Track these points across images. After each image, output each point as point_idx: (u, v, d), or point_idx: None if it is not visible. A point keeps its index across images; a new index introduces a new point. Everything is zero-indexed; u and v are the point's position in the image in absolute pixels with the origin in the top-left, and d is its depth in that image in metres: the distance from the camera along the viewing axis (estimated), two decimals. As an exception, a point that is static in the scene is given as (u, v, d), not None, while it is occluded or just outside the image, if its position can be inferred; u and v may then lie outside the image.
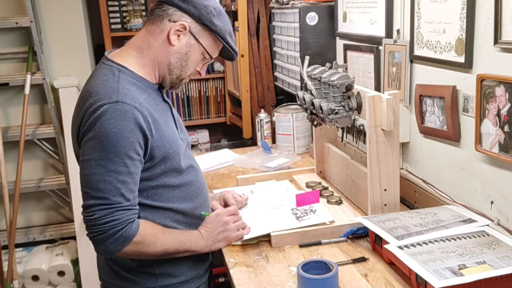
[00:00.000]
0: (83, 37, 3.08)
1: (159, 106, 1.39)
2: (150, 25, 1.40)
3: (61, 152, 3.03)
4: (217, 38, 1.41)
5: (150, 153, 1.32)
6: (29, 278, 2.96)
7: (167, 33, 1.37)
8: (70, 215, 3.12)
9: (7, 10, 2.96)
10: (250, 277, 1.37)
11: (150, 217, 1.36)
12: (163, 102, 1.44)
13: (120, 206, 1.27)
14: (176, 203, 1.40)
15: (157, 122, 1.33)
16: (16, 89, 3.01)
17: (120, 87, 1.29)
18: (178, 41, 1.38)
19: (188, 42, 1.39)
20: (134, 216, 1.30)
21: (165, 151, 1.35)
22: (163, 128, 1.35)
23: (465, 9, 1.41)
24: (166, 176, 1.38)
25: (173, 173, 1.39)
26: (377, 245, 1.43)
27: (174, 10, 1.37)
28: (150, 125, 1.30)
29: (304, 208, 1.66)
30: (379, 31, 1.85)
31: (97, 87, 1.30)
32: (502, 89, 1.30)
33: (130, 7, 3.28)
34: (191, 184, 1.44)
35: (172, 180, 1.39)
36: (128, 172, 1.27)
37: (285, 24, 2.50)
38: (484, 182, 1.43)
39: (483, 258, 1.20)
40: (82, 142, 1.28)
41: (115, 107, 1.25)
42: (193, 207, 1.45)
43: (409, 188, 1.74)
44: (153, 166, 1.34)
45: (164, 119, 1.38)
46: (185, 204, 1.42)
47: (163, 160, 1.35)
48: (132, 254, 1.33)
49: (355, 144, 1.96)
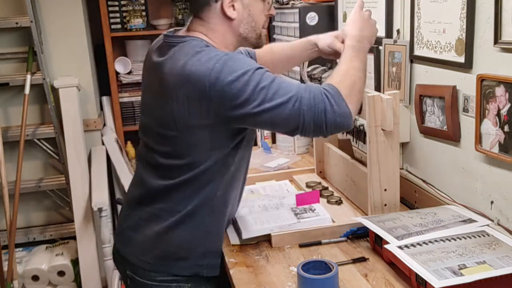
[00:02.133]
0: (83, 37, 3.08)
1: None
2: (200, 14, 1.38)
3: (61, 152, 3.03)
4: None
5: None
6: (29, 278, 2.96)
7: (221, 12, 1.36)
8: (70, 215, 3.12)
9: (7, 10, 2.96)
10: (250, 277, 1.37)
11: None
12: None
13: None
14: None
15: None
16: (16, 89, 3.01)
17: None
18: (236, 11, 1.37)
19: (243, 4, 1.38)
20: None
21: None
22: None
23: (465, 9, 1.40)
24: (240, 148, 1.40)
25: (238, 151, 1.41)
26: (377, 245, 1.43)
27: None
28: None
29: (304, 208, 1.66)
30: (379, 31, 1.84)
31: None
32: (502, 89, 1.30)
33: (130, 7, 3.28)
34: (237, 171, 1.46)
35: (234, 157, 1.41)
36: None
37: (285, 24, 2.50)
38: (484, 182, 1.43)
39: (483, 258, 1.20)
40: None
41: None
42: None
43: (409, 188, 1.74)
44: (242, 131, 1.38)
45: None
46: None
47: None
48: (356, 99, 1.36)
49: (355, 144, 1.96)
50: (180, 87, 1.29)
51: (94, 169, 3.01)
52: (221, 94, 1.25)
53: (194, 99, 1.28)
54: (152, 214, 1.43)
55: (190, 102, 1.29)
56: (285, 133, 1.36)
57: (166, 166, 1.40)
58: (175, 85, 1.30)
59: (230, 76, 1.25)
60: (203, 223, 1.41)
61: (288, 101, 1.26)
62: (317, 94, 1.28)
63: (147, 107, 1.46)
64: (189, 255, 1.42)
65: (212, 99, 1.26)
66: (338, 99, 1.29)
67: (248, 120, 1.29)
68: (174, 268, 1.42)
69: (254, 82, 1.25)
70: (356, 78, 1.37)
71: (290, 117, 1.27)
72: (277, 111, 1.26)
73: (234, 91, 1.25)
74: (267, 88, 1.26)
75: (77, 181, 2.92)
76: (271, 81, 1.27)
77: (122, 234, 1.51)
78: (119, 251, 1.52)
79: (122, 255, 1.50)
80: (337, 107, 1.28)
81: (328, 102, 1.28)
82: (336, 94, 1.30)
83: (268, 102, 1.25)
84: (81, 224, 2.90)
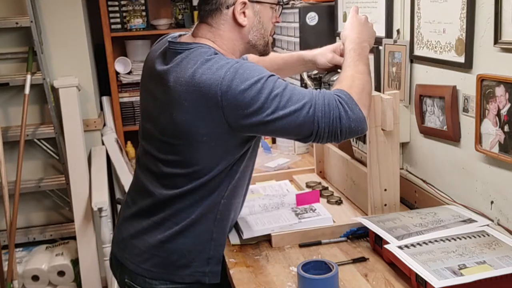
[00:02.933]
0: (83, 37, 3.08)
1: None
2: (209, 20, 1.37)
3: (61, 152, 3.03)
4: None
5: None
6: (29, 278, 2.96)
7: (232, 19, 1.36)
8: (70, 215, 3.12)
9: (7, 10, 2.96)
10: (250, 277, 1.37)
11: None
12: None
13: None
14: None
15: None
16: (16, 89, 3.01)
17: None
18: (247, 18, 1.36)
19: (254, 11, 1.37)
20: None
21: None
22: None
23: (465, 9, 1.41)
24: (246, 157, 1.40)
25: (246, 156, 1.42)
26: (377, 245, 1.43)
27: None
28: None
29: (304, 207, 1.66)
30: (379, 31, 1.84)
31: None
32: (502, 89, 1.30)
33: (130, 7, 3.28)
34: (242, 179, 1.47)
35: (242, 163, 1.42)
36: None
37: (285, 24, 2.50)
38: (484, 182, 1.43)
39: (483, 258, 1.20)
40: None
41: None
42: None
43: (409, 188, 1.74)
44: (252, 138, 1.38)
45: None
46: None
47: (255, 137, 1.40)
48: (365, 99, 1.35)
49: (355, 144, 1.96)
50: (189, 96, 1.27)
51: (94, 169, 3.01)
52: (234, 103, 1.24)
53: (205, 108, 1.26)
54: (155, 223, 1.41)
55: (200, 111, 1.27)
56: (298, 140, 1.34)
57: (171, 175, 1.38)
58: (184, 94, 1.27)
59: (242, 85, 1.23)
60: (207, 230, 1.40)
61: (302, 107, 1.25)
62: (331, 100, 1.27)
63: (150, 114, 1.43)
64: (191, 263, 1.40)
65: (224, 108, 1.24)
66: (352, 104, 1.28)
67: (260, 128, 1.28)
68: (175, 275, 1.41)
69: (267, 90, 1.24)
70: (364, 82, 1.36)
71: (304, 124, 1.26)
72: (291, 118, 1.25)
73: (247, 99, 1.23)
74: (281, 96, 1.25)
75: (77, 181, 2.92)
76: (283, 88, 1.26)
77: (123, 242, 1.48)
78: (118, 259, 1.49)
79: (121, 263, 1.48)
80: (351, 112, 1.27)
81: (343, 108, 1.27)
82: (349, 99, 1.29)
83: (282, 109, 1.24)
84: (81, 224, 2.90)
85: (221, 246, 1.44)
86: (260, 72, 1.27)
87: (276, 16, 1.45)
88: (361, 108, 1.30)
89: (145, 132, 1.46)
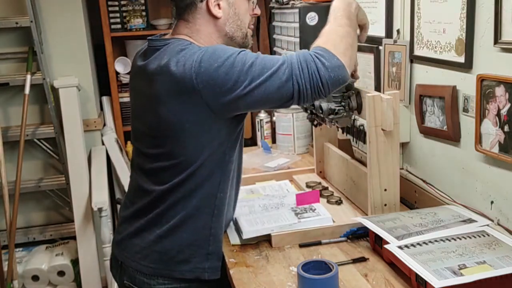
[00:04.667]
0: (83, 37, 3.08)
1: None
2: (186, 16, 1.39)
3: (61, 152, 3.03)
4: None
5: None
6: (29, 278, 2.96)
7: (207, 11, 1.37)
8: (70, 215, 3.12)
9: (7, 10, 2.96)
10: (250, 277, 1.37)
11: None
12: None
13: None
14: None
15: None
16: (16, 89, 3.01)
17: None
18: (222, 10, 1.38)
19: (229, 2, 1.39)
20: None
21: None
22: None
23: (465, 9, 1.41)
24: (232, 145, 1.41)
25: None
26: (377, 245, 1.43)
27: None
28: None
29: (304, 207, 1.66)
30: (379, 31, 1.85)
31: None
32: (502, 89, 1.30)
33: (130, 7, 3.28)
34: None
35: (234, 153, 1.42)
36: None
37: (285, 24, 2.50)
38: (484, 182, 1.43)
39: (483, 258, 1.20)
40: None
41: None
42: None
43: (409, 188, 1.74)
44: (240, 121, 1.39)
45: None
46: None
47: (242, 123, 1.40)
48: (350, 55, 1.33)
49: (355, 144, 1.96)
50: (167, 85, 1.29)
51: (94, 169, 3.01)
52: (210, 83, 1.25)
53: (183, 94, 1.28)
54: (153, 219, 1.42)
55: (179, 99, 1.28)
56: (281, 105, 1.32)
57: (158, 170, 1.39)
58: (162, 83, 1.30)
59: (215, 63, 1.25)
60: (205, 225, 1.41)
61: (277, 70, 1.25)
62: (306, 56, 1.27)
63: (137, 112, 1.47)
64: (191, 258, 1.41)
65: (201, 91, 1.26)
66: (328, 55, 1.27)
67: (241, 103, 1.28)
68: (175, 271, 1.41)
69: (241, 63, 1.25)
70: (343, 33, 1.34)
71: (283, 85, 1.25)
72: (269, 83, 1.25)
73: (221, 76, 1.24)
74: (254, 65, 1.25)
75: (77, 181, 2.92)
76: (256, 57, 1.27)
77: (123, 242, 1.49)
78: (118, 259, 1.50)
79: (121, 263, 1.49)
80: (328, 63, 1.26)
81: (319, 61, 1.26)
82: (324, 51, 1.28)
83: (258, 77, 1.24)
84: (81, 224, 2.90)
85: (220, 242, 1.46)
86: (231, 50, 1.28)
87: (253, 7, 1.46)
88: (339, 56, 1.29)
89: (136, 131, 1.49)
